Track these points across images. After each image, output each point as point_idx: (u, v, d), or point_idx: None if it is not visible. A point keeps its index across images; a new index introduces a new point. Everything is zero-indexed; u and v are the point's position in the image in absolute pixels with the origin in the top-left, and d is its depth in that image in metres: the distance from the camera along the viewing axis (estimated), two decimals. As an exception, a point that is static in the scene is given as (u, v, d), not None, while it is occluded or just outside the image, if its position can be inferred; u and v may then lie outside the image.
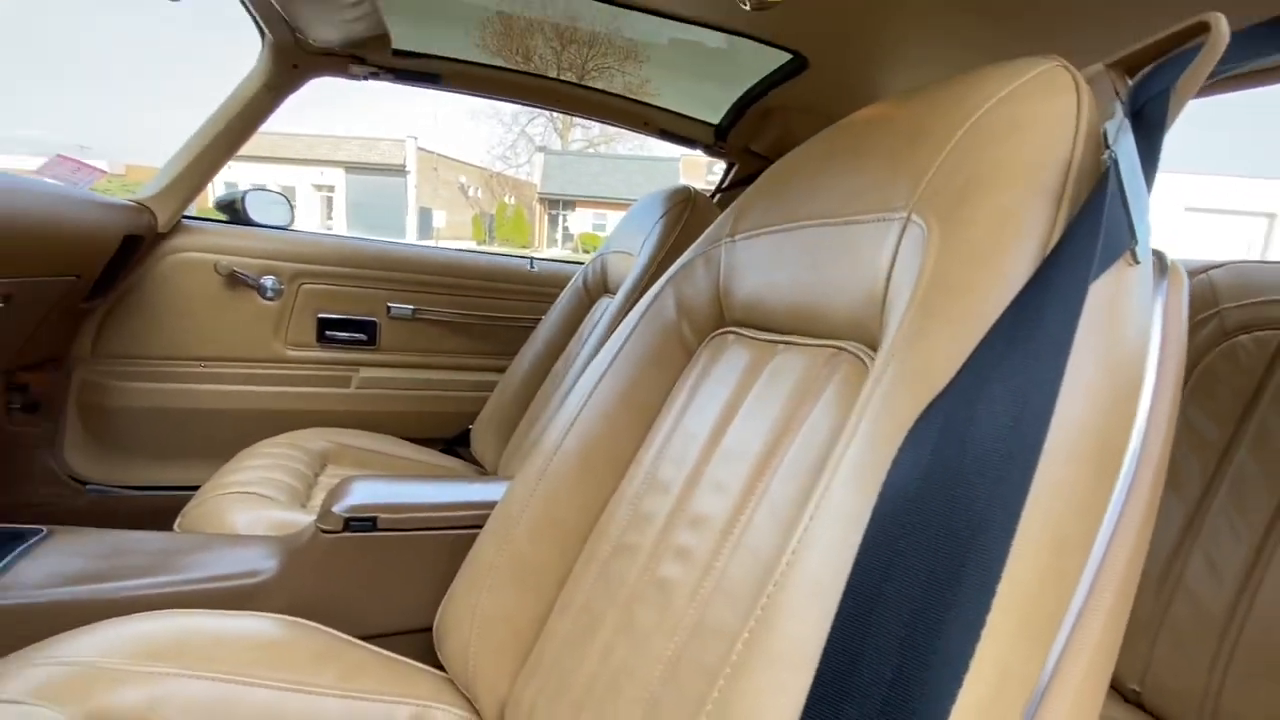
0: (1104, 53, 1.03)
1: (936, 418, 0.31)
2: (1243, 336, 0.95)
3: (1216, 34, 0.38)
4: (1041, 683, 0.35)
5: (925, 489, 0.30)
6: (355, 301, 1.60)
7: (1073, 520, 0.32)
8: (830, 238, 0.54)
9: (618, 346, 0.75)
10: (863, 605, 0.29)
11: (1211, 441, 0.92)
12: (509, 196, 26.07)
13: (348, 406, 1.59)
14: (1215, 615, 0.84)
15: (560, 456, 0.73)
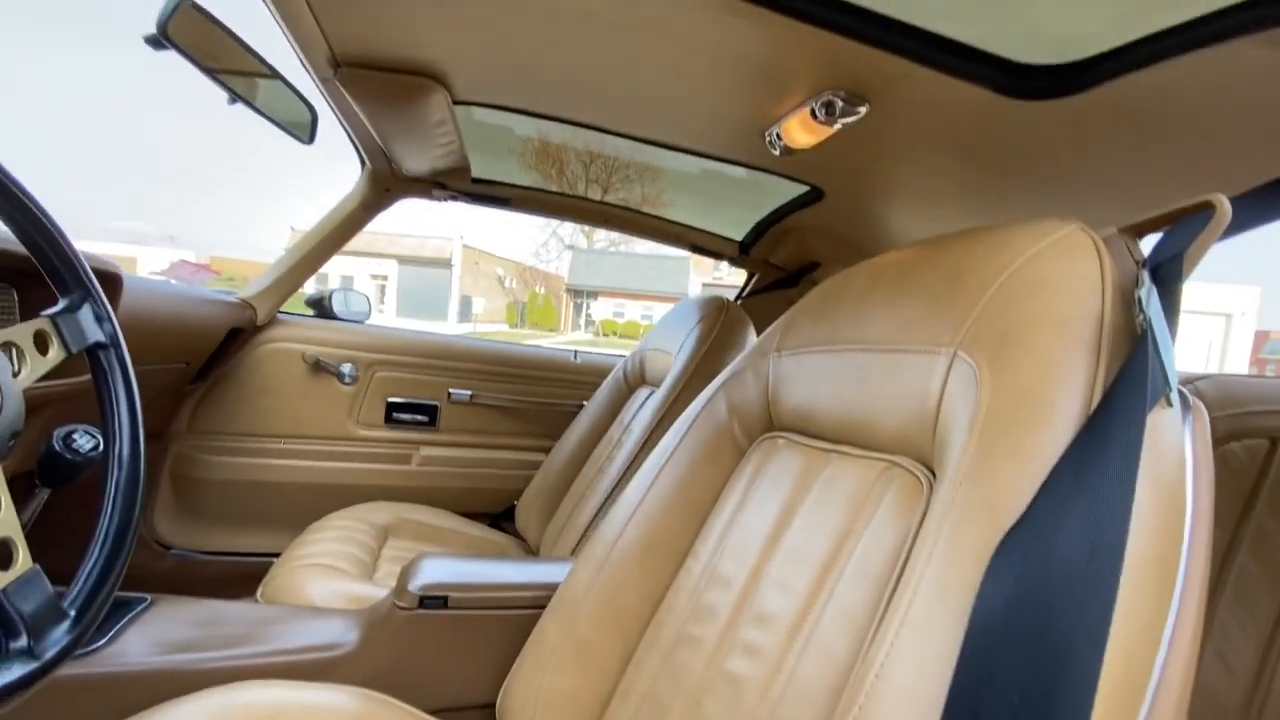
0: (1092, 206, 1.07)
1: (1016, 549, 0.32)
2: (1233, 444, 0.94)
3: (1220, 212, 0.41)
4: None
5: (1012, 615, 0.30)
6: (420, 387, 1.64)
7: (1141, 639, 0.32)
8: (877, 363, 0.56)
9: (673, 444, 0.77)
10: (971, 683, 0.29)
11: (1214, 544, 0.90)
12: (540, 287, 26.83)
13: (409, 482, 1.59)
14: (1231, 711, 0.80)
15: (621, 545, 0.73)
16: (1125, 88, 0.72)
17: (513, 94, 1.05)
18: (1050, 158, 0.89)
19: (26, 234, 0.50)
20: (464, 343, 1.72)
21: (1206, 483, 0.40)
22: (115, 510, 0.51)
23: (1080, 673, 0.28)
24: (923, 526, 0.39)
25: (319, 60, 0.91)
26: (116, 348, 0.55)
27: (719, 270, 21.00)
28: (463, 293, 24.10)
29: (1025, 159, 0.92)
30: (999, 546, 0.33)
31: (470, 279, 24.68)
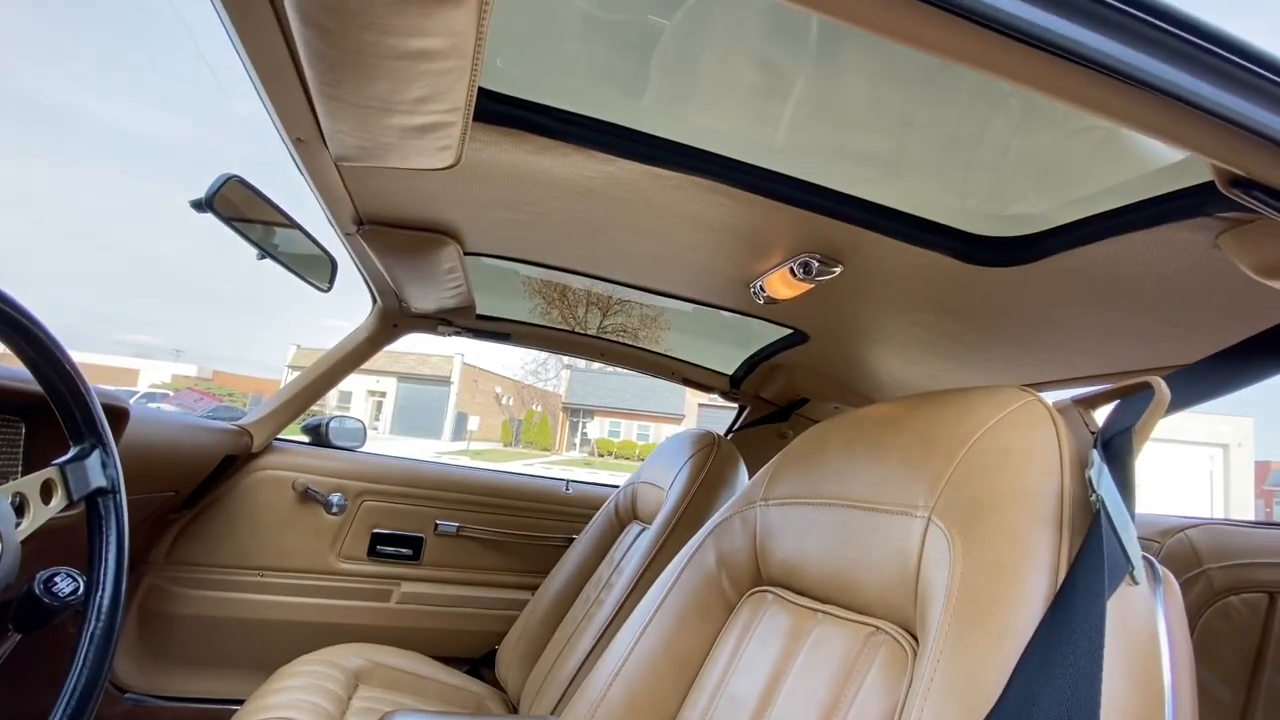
0: (1063, 353, 1.12)
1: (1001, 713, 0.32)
2: (1232, 598, 0.93)
3: (1159, 395, 0.44)
4: None
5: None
6: (406, 518, 1.61)
7: None
8: (858, 521, 0.57)
9: (662, 594, 0.75)
10: None
11: (1227, 706, 0.86)
12: (537, 405, 26.94)
13: (386, 621, 1.52)
14: None
15: (607, 706, 0.69)
16: (1075, 259, 0.79)
17: (517, 248, 1.14)
18: (1015, 316, 0.96)
19: (48, 380, 0.53)
20: (454, 472, 1.72)
21: (1184, 656, 0.40)
22: (85, 665, 0.50)
23: None
24: (906, 702, 0.39)
25: (344, 218, 1.01)
26: (116, 493, 0.57)
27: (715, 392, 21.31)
28: (459, 410, 24.15)
29: (992, 316, 0.99)
30: None
31: (467, 396, 24.84)
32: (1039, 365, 1.12)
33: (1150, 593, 0.42)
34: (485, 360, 26.23)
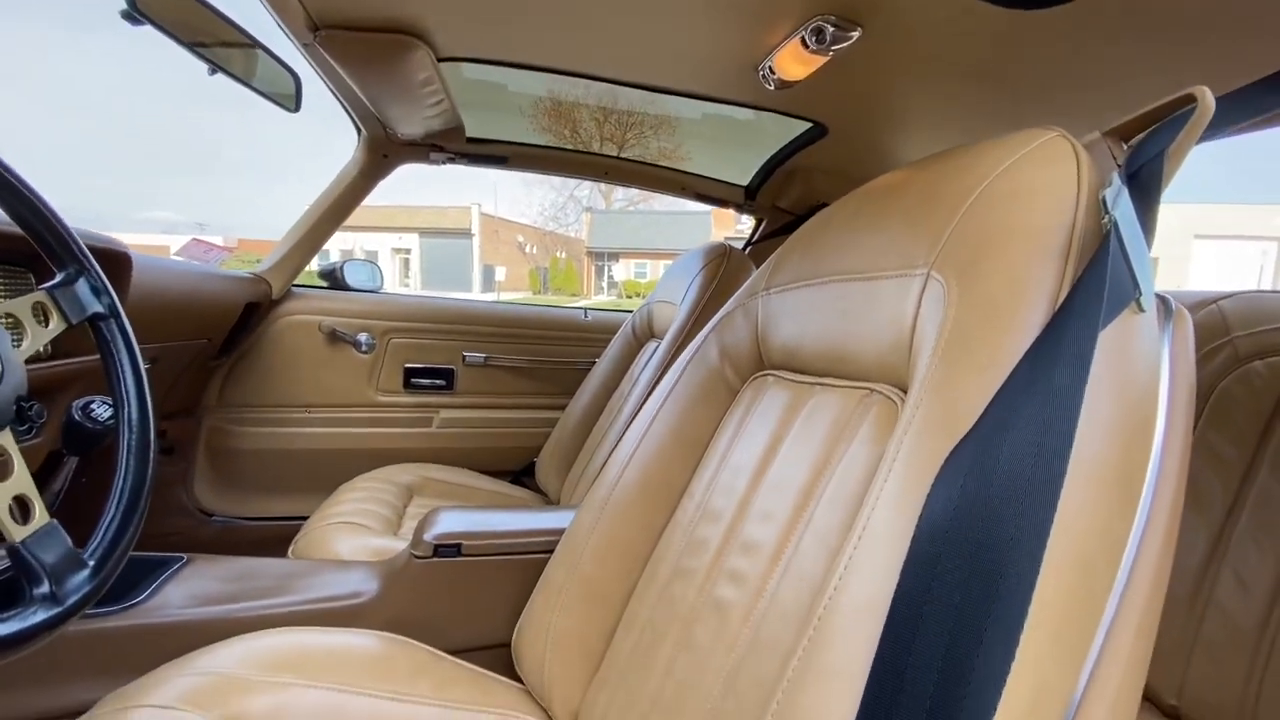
0: (1099, 111, 1.02)
1: (964, 456, 0.32)
2: (1256, 363, 0.91)
3: (1203, 105, 0.38)
4: (1077, 694, 0.34)
5: (957, 520, 0.30)
6: (436, 352, 1.67)
7: (1097, 543, 0.32)
8: (857, 292, 0.55)
9: (668, 388, 0.77)
10: (906, 626, 0.29)
11: (1232, 463, 0.88)
12: (561, 252, 26.72)
13: (430, 444, 1.64)
14: (1247, 630, 0.79)
15: (621, 488, 0.74)
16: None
17: (496, 46, 1.03)
18: (1051, 67, 0.85)
19: (19, 214, 0.52)
20: (476, 306, 1.74)
21: (1184, 391, 0.39)
22: (129, 471, 0.54)
23: (1017, 577, 0.28)
24: (890, 443, 0.39)
25: (298, 25, 0.91)
26: (116, 318, 0.58)
27: (741, 223, 20.66)
28: (484, 262, 24.17)
29: (1027, 70, 0.87)
30: (950, 454, 0.32)
31: (491, 247, 24.70)
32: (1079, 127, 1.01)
33: (1157, 324, 0.39)
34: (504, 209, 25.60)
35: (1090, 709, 0.34)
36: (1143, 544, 0.36)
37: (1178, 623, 0.86)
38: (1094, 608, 0.33)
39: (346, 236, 21.81)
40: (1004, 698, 0.27)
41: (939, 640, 0.28)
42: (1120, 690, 0.34)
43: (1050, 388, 0.31)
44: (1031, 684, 0.29)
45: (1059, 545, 0.30)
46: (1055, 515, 0.29)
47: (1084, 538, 0.31)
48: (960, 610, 0.28)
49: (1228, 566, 0.84)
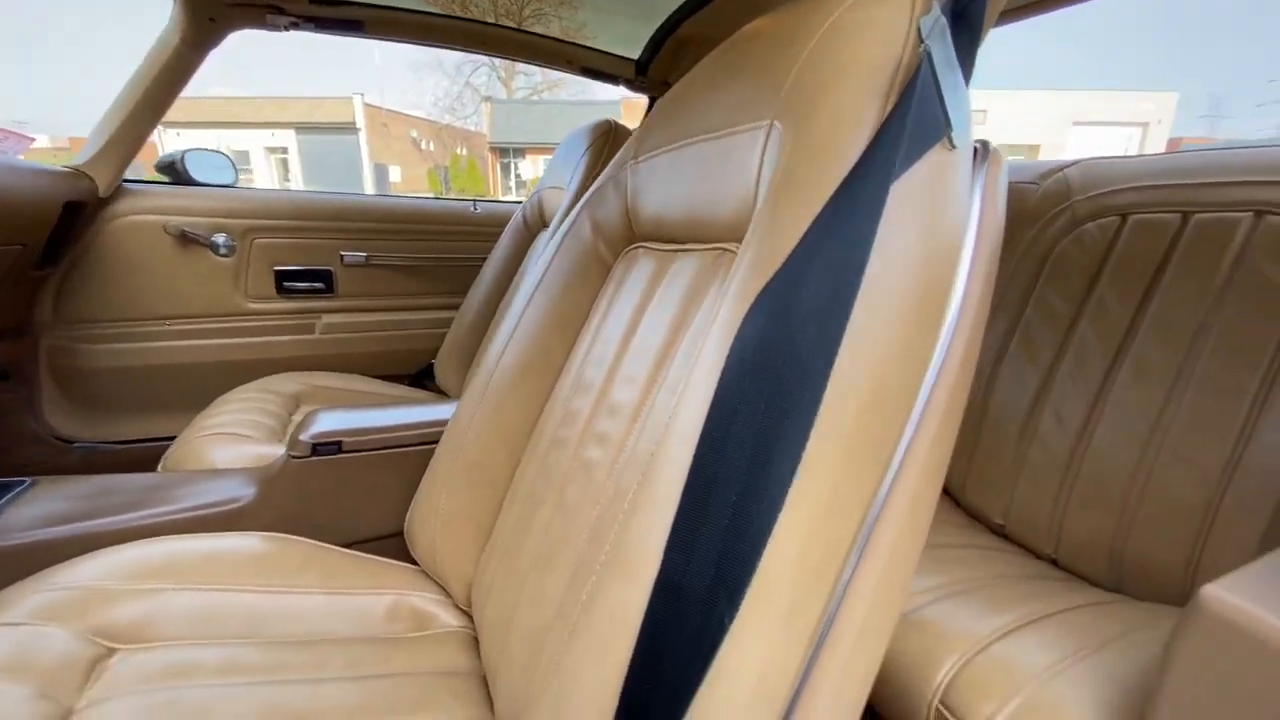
0: None
1: (774, 289, 0.33)
2: (1089, 225, 1.00)
3: None
4: (881, 496, 0.39)
5: (762, 346, 0.32)
6: (309, 252, 1.54)
7: (892, 365, 0.35)
8: (714, 152, 0.54)
9: (543, 270, 0.75)
10: (713, 450, 0.31)
11: (1061, 316, 0.99)
12: (461, 148, 24.82)
13: (314, 351, 1.55)
14: (1060, 458, 0.93)
15: (500, 373, 0.74)
16: None
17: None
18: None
19: None
20: (352, 201, 1.60)
21: (991, 229, 0.41)
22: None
23: (809, 393, 0.30)
24: (722, 289, 0.40)
25: None
26: None
27: (651, 114, 19.63)
28: (375, 161, 22.14)
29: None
30: (762, 289, 0.34)
31: (381, 144, 22.54)
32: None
33: (971, 163, 0.41)
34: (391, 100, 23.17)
35: (894, 505, 0.39)
36: (943, 367, 0.40)
37: (1008, 456, 1.00)
38: (888, 422, 0.36)
39: (206, 136, 19.21)
40: (791, 498, 0.30)
41: (742, 456, 0.30)
42: (919, 490, 0.39)
43: (852, 221, 0.32)
44: (824, 486, 0.32)
45: (848, 364, 0.32)
46: (844, 336, 0.31)
47: (876, 359, 0.34)
48: (760, 428, 0.31)
49: (1049, 405, 0.96)
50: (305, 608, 0.71)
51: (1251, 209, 0.82)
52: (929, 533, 0.94)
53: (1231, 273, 0.82)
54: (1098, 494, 0.87)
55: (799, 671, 0.37)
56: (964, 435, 1.07)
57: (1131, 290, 0.91)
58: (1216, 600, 0.48)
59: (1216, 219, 0.85)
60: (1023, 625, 0.70)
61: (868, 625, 0.40)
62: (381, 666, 0.64)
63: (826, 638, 0.39)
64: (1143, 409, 0.85)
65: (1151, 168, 0.96)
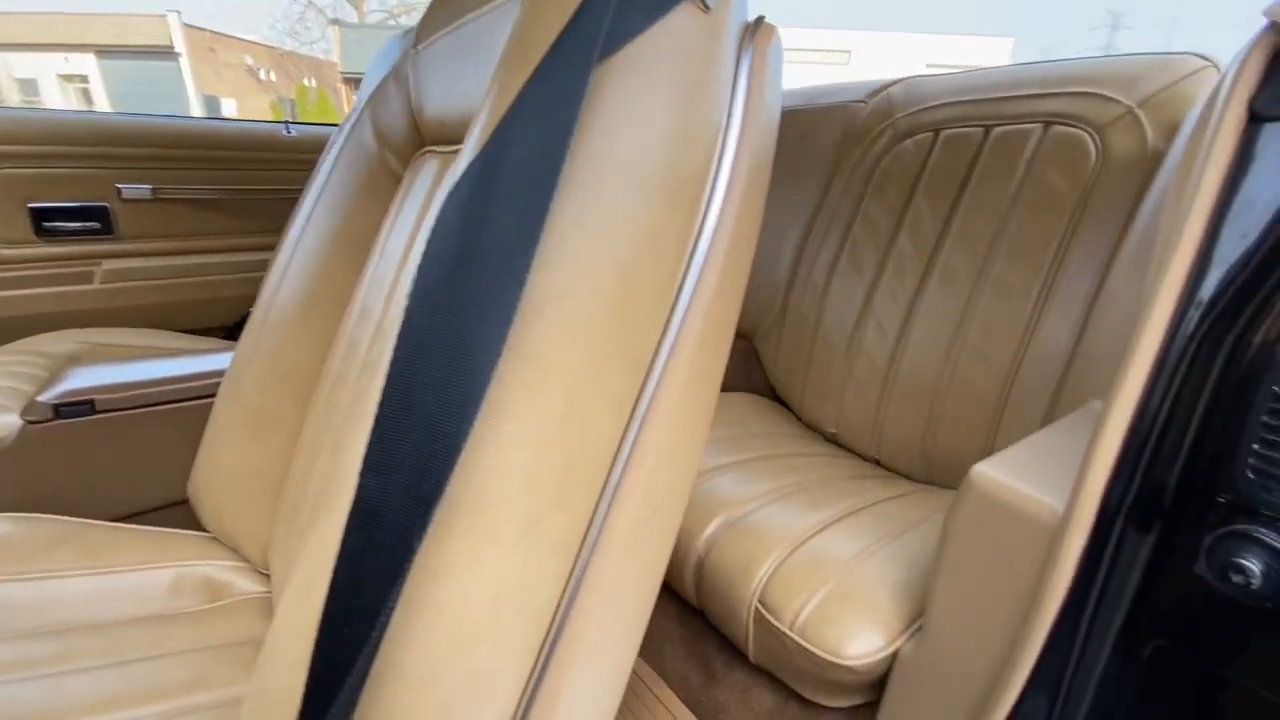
0: None
1: (472, 172, 0.28)
2: (908, 141, 1.03)
3: None
4: (646, 400, 0.36)
5: (465, 223, 0.27)
6: (75, 185, 1.28)
7: (638, 252, 0.31)
8: (486, 28, 0.47)
9: (320, 186, 0.66)
10: (412, 356, 0.27)
11: (884, 231, 1.03)
12: (309, 79, 22.12)
13: (98, 304, 1.32)
14: (881, 366, 0.98)
15: (278, 307, 0.64)
16: None
17: None
18: None
19: None
20: (129, 122, 1.34)
21: (761, 107, 0.39)
22: None
23: (507, 291, 0.26)
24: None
25: None
26: None
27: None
28: (204, 93, 19.25)
29: None
30: (459, 177, 0.29)
31: (209, 72, 19.57)
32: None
33: (739, 34, 0.38)
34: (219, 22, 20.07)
35: (659, 414, 0.36)
36: (708, 257, 0.37)
37: (837, 368, 1.04)
38: (640, 318, 0.33)
39: (-28, 56, 15.71)
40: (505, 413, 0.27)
41: (439, 369, 0.26)
42: (688, 391, 0.37)
43: (562, 88, 0.28)
44: (550, 397, 0.29)
45: (565, 255, 0.29)
46: (547, 222, 0.27)
47: (609, 246, 0.30)
48: (457, 334, 0.26)
49: (873, 317, 1.01)
50: (63, 593, 0.60)
51: (1041, 120, 0.88)
52: (762, 444, 0.97)
53: (1023, 181, 0.87)
54: (912, 396, 0.94)
55: (557, 589, 0.34)
56: (799, 351, 1.11)
57: (942, 202, 0.96)
58: (981, 477, 0.52)
59: (1012, 131, 0.90)
60: (838, 520, 0.74)
61: (636, 536, 0.38)
62: (151, 649, 0.56)
63: (595, 550, 0.37)
64: (949, 314, 0.91)
65: (961, 84, 1.00)
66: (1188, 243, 0.41)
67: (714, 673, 0.73)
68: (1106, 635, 0.46)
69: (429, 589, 0.29)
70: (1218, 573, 0.41)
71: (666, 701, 0.71)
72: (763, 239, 1.22)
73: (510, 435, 0.29)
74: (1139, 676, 0.46)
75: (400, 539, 0.26)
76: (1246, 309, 0.41)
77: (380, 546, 0.26)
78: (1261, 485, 0.40)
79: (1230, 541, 0.41)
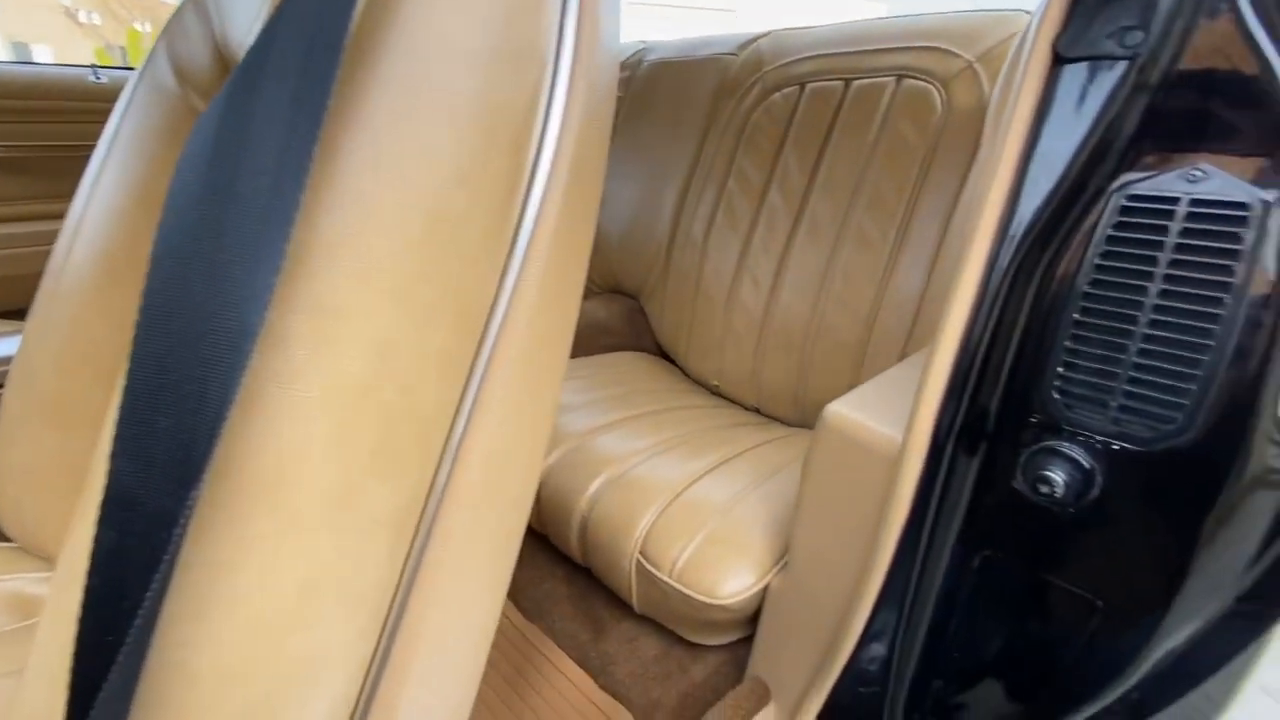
0: None
1: (241, 74, 0.24)
2: (776, 94, 1.04)
3: None
4: (484, 358, 0.34)
5: (216, 153, 0.23)
6: None
7: (441, 198, 0.28)
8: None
9: (110, 137, 0.56)
10: (159, 319, 0.23)
11: (757, 187, 1.04)
12: (142, 22, 19.26)
13: None
14: (757, 318, 1.01)
15: (71, 275, 0.55)
16: None
17: None
18: None
19: None
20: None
21: (593, 38, 0.36)
22: None
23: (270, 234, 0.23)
24: None
25: None
26: None
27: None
28: (11, 39, 16.31)
29: None
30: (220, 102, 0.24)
31: (17, 14, 16.55)
32: None
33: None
34: (16, -52, 16.95)
35: (498, 372, 0.34)
36: (543, 204, 0.35)
37: (717, 322, 1.06)
38: (460, 267, 0.30)
39: None
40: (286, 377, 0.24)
41: (198, 301, 0.23)
42: (531, 344, 0.35)
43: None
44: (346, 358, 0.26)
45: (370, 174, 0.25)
46: (315, 151, 0.23)
47: (423, 173, 0.27)
48: (211, 259, 0.23)
49: (748, 271, 1.03)
50: None
51: (894, 74, 0.91)
52: (647, 401, 0.98)
53: (879, 133, 0.91)
54: (784, 345, 0.97)
55: (391, 568, 0.32)
56: (682, 307, 1.11)
57: (808, 156, 0.98)
58: (833, 415, 0.54)
59: (869, 84, 0.93)
60: (715, 468, 0.76)
61: (485, 505, 0.36)
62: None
63: (436, 522, 0.34)
64: (815, 264, 0.94)
65: (824, 37, 1.02)
66: (1000, 182, 0.44)
67: (602, 627, 0.74)
68: (943, 550, 0.50)
69: (221, 582, 0.25)
70: (1030, 486, 0.45)
71: (556, 661, 0.71)
72: (643, 196, 1.20)
73: (302, 401, 0.26)
74: (971, 584, 0.50)
75: (163, 529, 0.23)
76: (1052, 242, 0.44)
77: (142, 540, 0.23)
78: (1065, 404, 0.44)
79: (1040, 457, 0.45)
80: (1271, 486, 0.40)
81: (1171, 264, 0.40)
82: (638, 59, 1.29)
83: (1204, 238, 0.39)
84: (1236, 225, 0.38)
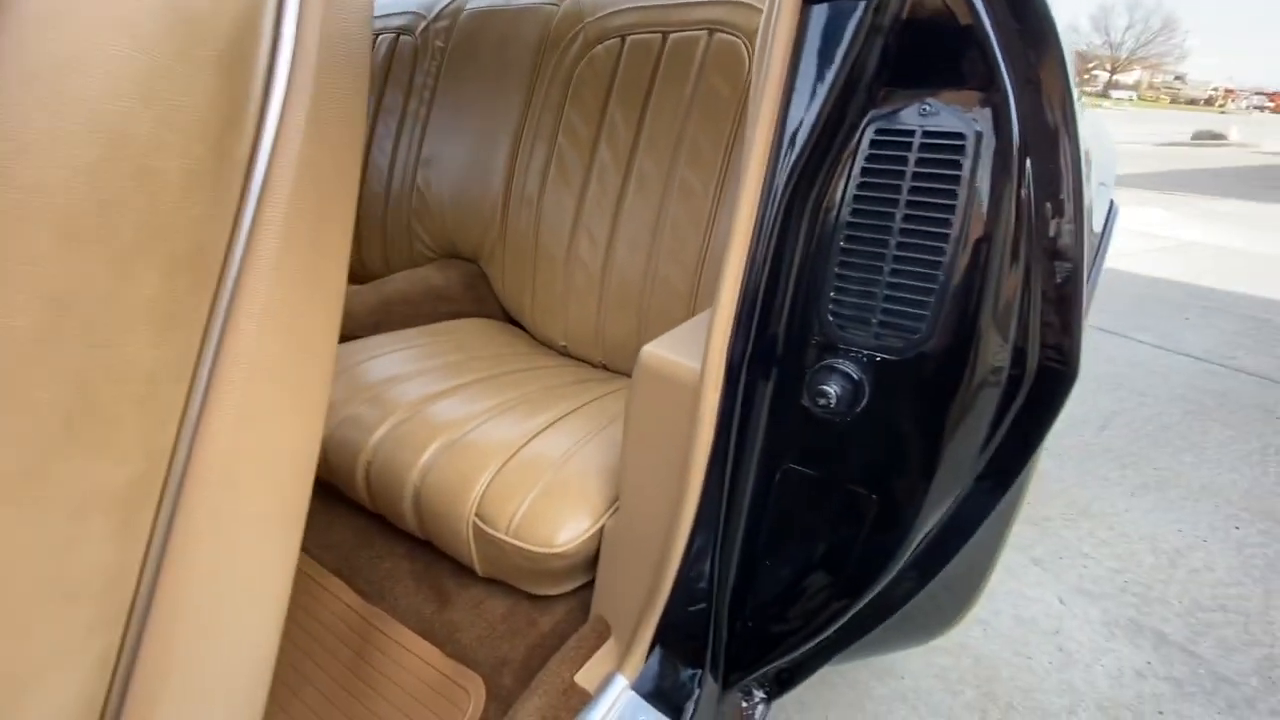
0: None
1: None
2: (598, 48, 1.03)
3: None
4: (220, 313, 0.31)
5: None
6: None
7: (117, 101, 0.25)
8: None
9: None
10: None
11: (586, 141, 1.03)
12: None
13: None
14: (596, 274, 1.01)
15: None
16: None
17: None
18: None
19: None
20: None
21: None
22: None
23: None
24: None
25: None
26: None
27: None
28: None
29: None
30: None
31: None
32: None
33: None
34: None
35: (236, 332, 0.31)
36: (277, 138, 0.31)
37: (558, 281, 1.05)
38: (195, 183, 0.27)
39: None
40: None
41: None
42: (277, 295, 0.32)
43: None
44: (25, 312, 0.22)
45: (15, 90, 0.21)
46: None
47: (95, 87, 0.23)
48: None
49: (584, 228, 1.02)
50: None
51: (706, 27, 0.93)
52: (487, 366, 0.95)
53: (695, 87, 0.93)
54: (623, 299, 0.98)
55: (122, 552, 0.28)
56: (523, 269, 1.09)
57: (632, 110, 0.99)
58: (647, 354, 0.55)
59: (685, 38, 0.95)
60: (554, 423, 0.76)
61: (246, 479, 0.33)
62: None
63: (180, 497, 0.31)
64: (646, 219, 0.96)
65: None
66: (765, 121, 0.46)
67: (447, 596, 0.72)
68: (748, 469, 0.54)
69: None
70: (812, 400, 0.49)
71: (401, 639, 0.69)
72: (473, 153, 1.15)
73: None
74: (774, 496, 0.55)
75: None
76: (819, 176, 0.48)
77: None
78: (838, 325, 0.49)
79: (820, 374, 0.49)
80: (994, 383, 0.47)
81: (911, 190, 0.45)
82: (457, 7, 1.22)
83: (933, 165, 0.44)
84: (956, 154, 0.43)
